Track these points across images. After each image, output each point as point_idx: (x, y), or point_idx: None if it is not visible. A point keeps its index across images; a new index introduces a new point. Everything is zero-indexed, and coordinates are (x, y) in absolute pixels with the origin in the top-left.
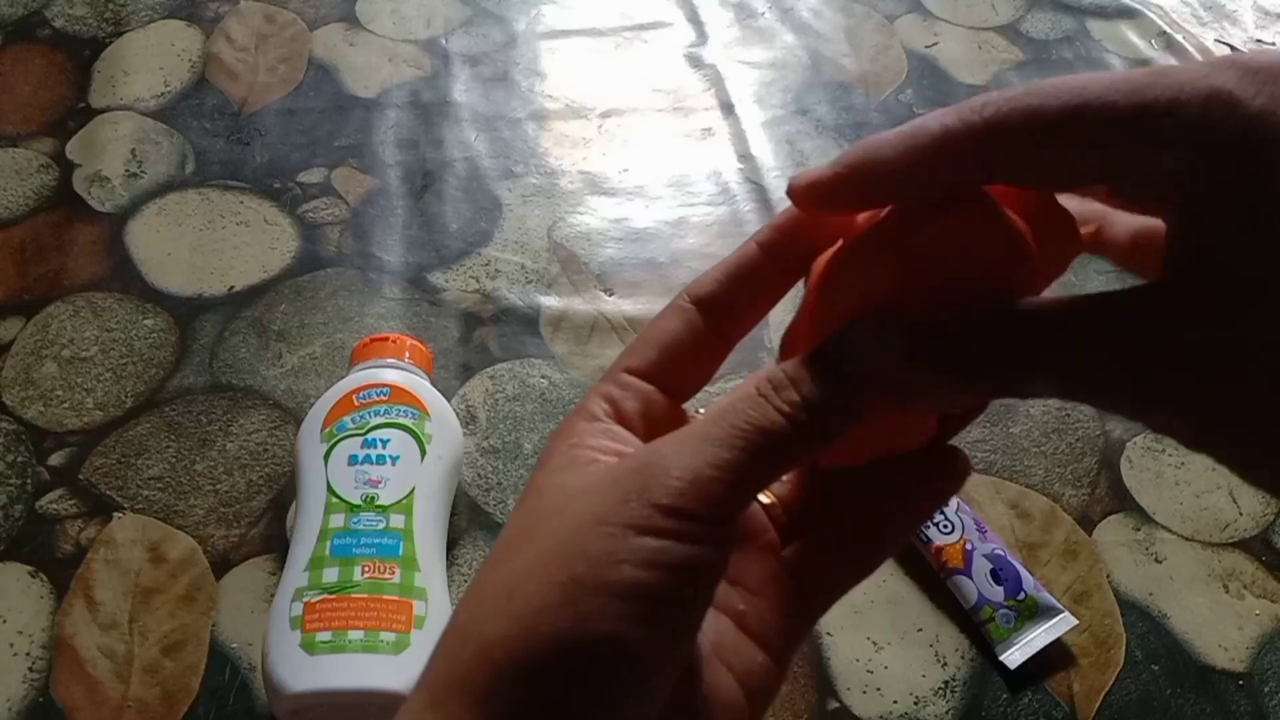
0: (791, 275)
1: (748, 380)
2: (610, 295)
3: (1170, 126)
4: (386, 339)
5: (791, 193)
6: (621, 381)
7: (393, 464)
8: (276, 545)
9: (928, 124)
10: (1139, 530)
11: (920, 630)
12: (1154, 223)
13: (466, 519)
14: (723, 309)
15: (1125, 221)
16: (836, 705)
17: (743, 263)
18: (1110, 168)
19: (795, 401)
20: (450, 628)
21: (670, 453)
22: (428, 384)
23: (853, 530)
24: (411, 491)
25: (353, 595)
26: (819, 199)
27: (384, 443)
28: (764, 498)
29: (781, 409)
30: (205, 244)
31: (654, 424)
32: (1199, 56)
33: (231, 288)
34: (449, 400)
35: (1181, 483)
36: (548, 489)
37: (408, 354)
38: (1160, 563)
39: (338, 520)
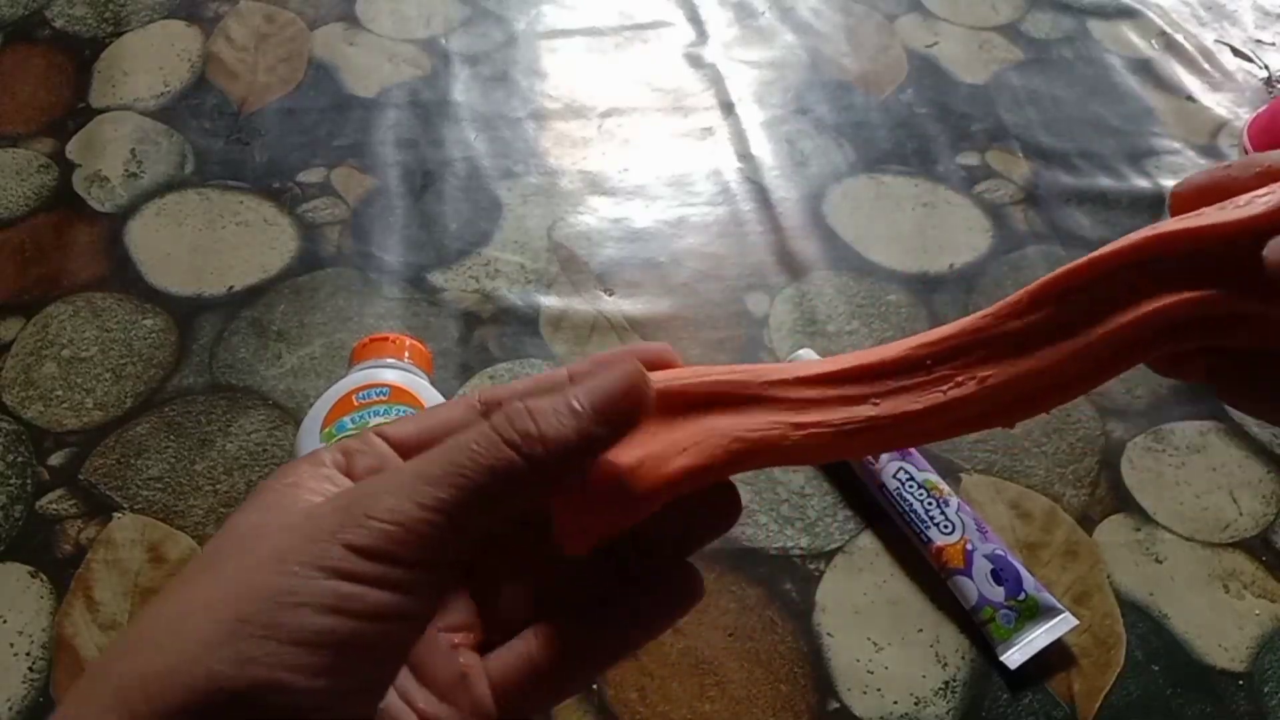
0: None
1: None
2: (610, 295)
3: None
4: (386, 339)
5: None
6: (366, 439)
7: None
8: None
9: None
10: (1139, 530)
11: (921, 631)
12: None
13: None
14: None
15: None
16: (837, 705)
17: (545, 388)
18: None
19: (531, 434)
20: (89, 666)
21: (377, 490)
22: (427, 384)
23: (567, 641)
24: None
25: None
26: None
27: None
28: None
29: (514, 442)
30: (205, 244)
31: None
32: (1199, 57)
33: (231, 288)
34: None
35: (1182, 483)
36: (237, 527)
37: (407, 354)
38: (1160, 563)
39: None
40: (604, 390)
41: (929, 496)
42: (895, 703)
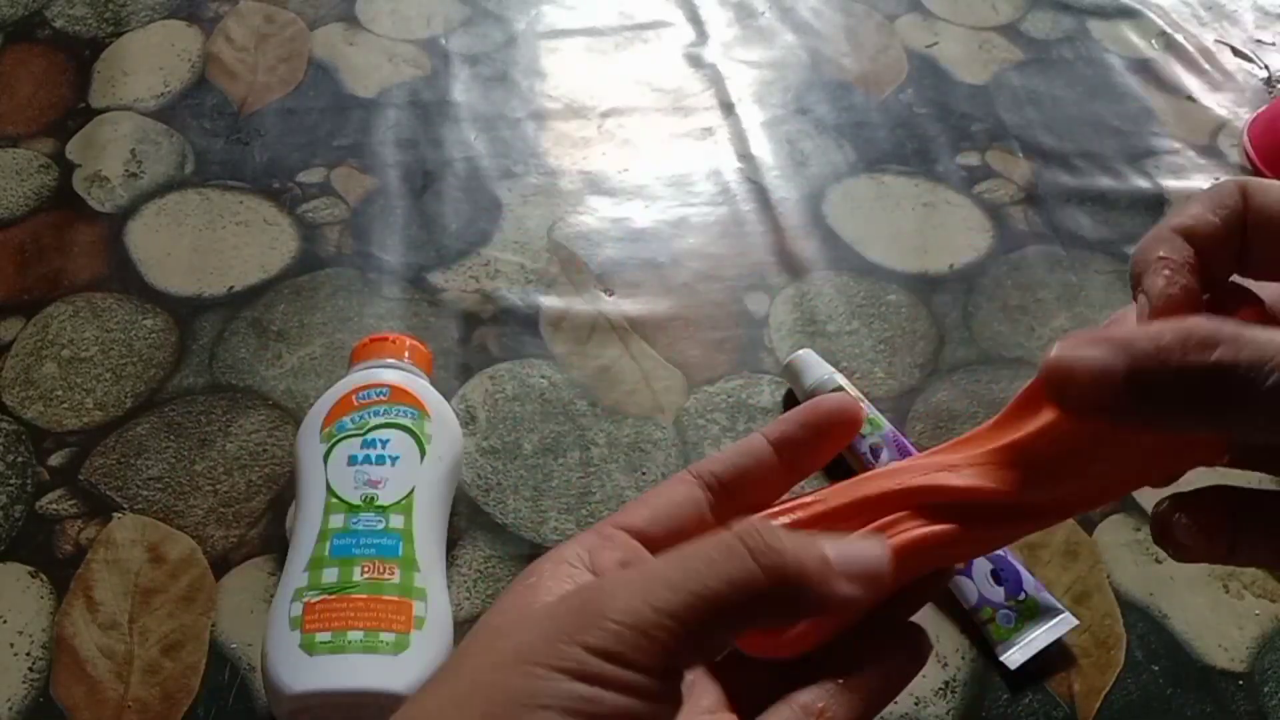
0: (797, 474)
1: (726, 527)
2: (610, 295)
3: None
4: (386, 339)
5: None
6: (606, 533)
7: (392, 464)
8: (276, 545)
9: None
10: (1139, 530)
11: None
12: None
13: (466, 519)
14: (725, 490)
15: None
16: None
17: (749, 451)
18: None
19: (776, 549)
20: None
21: (615, 590)
22: (427, 384)
23: (815, 710)
24: (411, 492)
25: (352, 596)
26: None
27: (384, 443)
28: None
29: (757, 550)
30: (205, 244)
31: None
32: (1199, 57)
33: (231, 288)
34: (449, 400)
35: (1182, 483)
36: (483, 628)
37: (407, 354)
38: (1160, 563)
39: (337, 521)
40: (855, 554)
41: None
42: (895, 702)
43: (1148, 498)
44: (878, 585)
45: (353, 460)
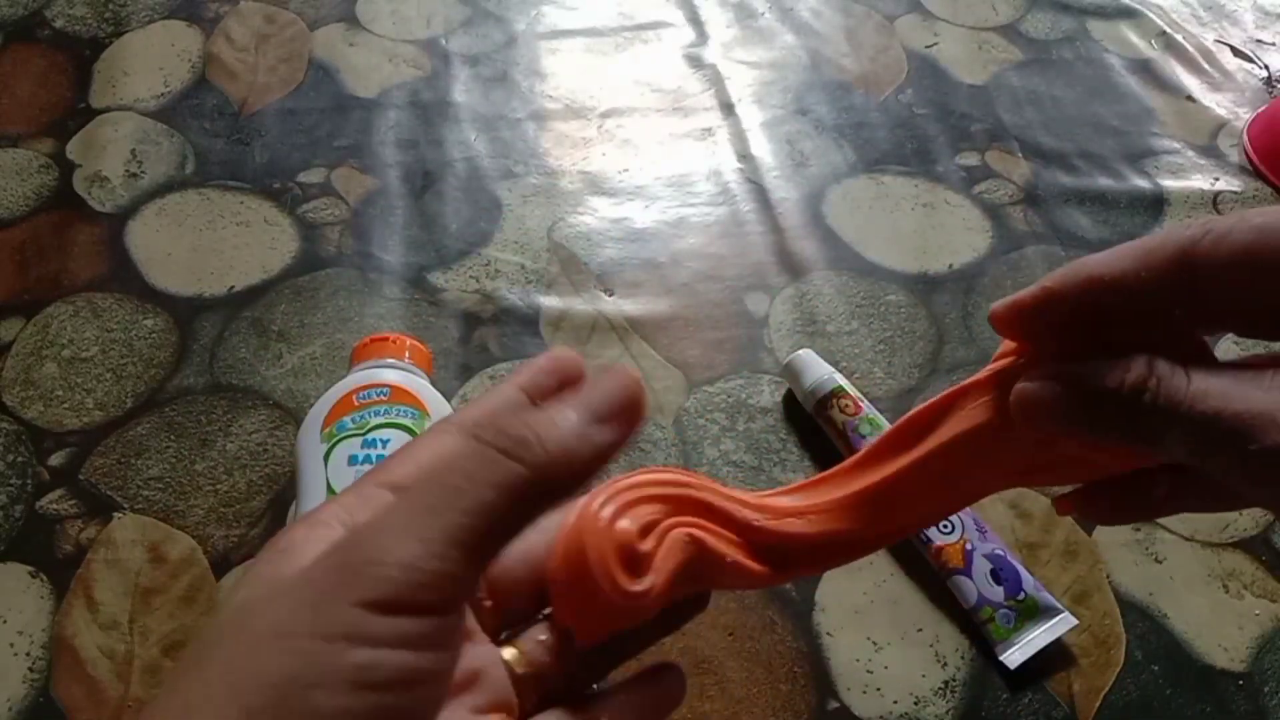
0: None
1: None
2: (610, 295)
3: None
4: (386, 339)
5: (993, 317)
6: (366, 493)
7: None
8: None
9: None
10: (1139, 530)
11: (920, 630)
12: None
13: None
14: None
15: None
16: (836, 705)
17: (508, 402)
18: None
19: (529, 440)
20: None
21: (375, 534)
22: (427, 384)
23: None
24: None
25: None
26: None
27: (384, 443)
28: (518, 666)
29: (510, 450)
30: (205, 244)
31: None
32: (1199, 57)
33: (231, 288)
34: (449, 400)
35: None
36: (229, 608)
37: (407, 354)
38: (1160, 563)
39: None
40: (601, 397)
41: None
42: (895, 702)
43: None
44: (637, 412)
45: (353, 460)
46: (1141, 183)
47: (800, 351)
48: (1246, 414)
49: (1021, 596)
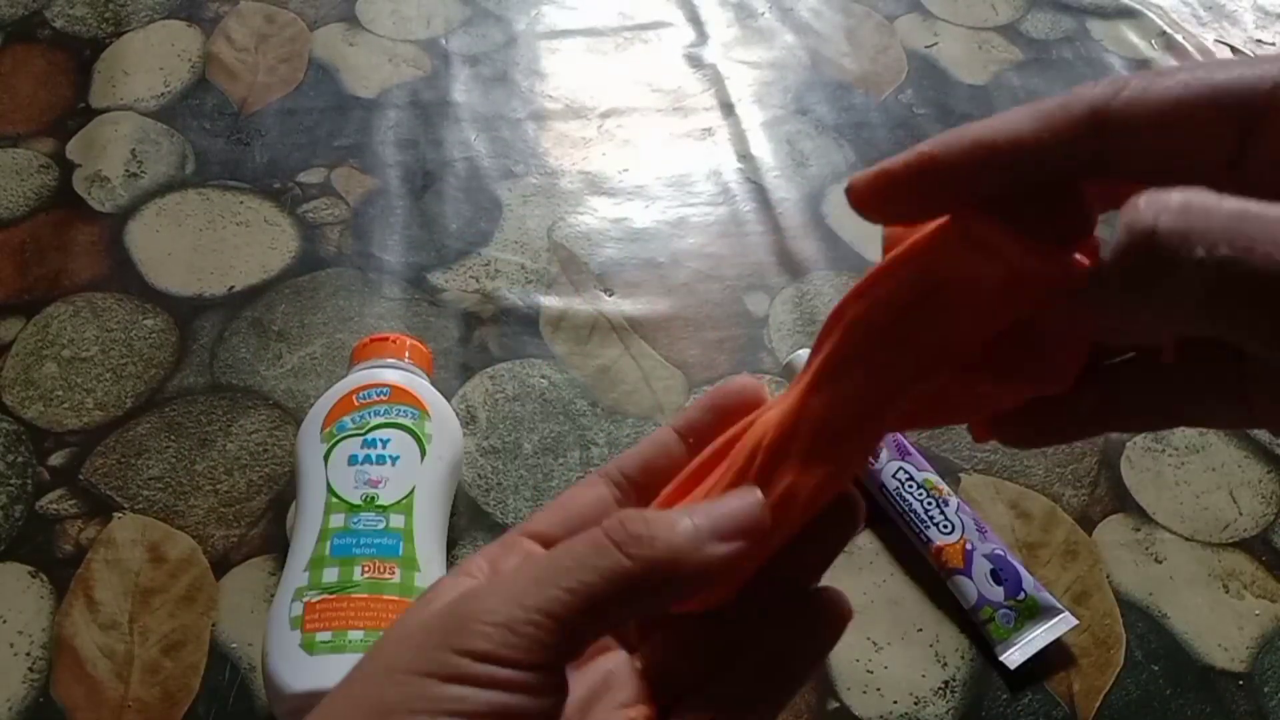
0: (709, 464)
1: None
2: (610, 295)
3: None
4: (386, 339)
5: (851, 190)
6: (508, 542)
7: (393, 464)
8: (276, 545)
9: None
10: (1139, 530)
11: (920, 630)
12: None
13: (466, 519)
14: (634, 486)
15: None
16: (836, 705)
17: (659, 446)
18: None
19: (641, 536)
20: None
21: (486, 594)
22: (428, 384)
23: (734, 693)
24: (411, 492)
25: (353, 595)
26: (888, 197)
27: (384, 443)
28: (638, 660)
29: (621, 543)
30: (205, 244)
31: None
32: (1199, 57)
33: (231, 288)
34: (449, 400)
35: (1181, 483)
36: (371, 647)
37: (407, 354)
38: (1160, 563)
39: (338, 520)
40: (723, 513)
41: (928, 496)
42: (895, 702)
43: (1148, 498)
44: (756, 533)
45: (353, 460)
46: None
47: (800, 351)
48: None
49: (1021, 596)
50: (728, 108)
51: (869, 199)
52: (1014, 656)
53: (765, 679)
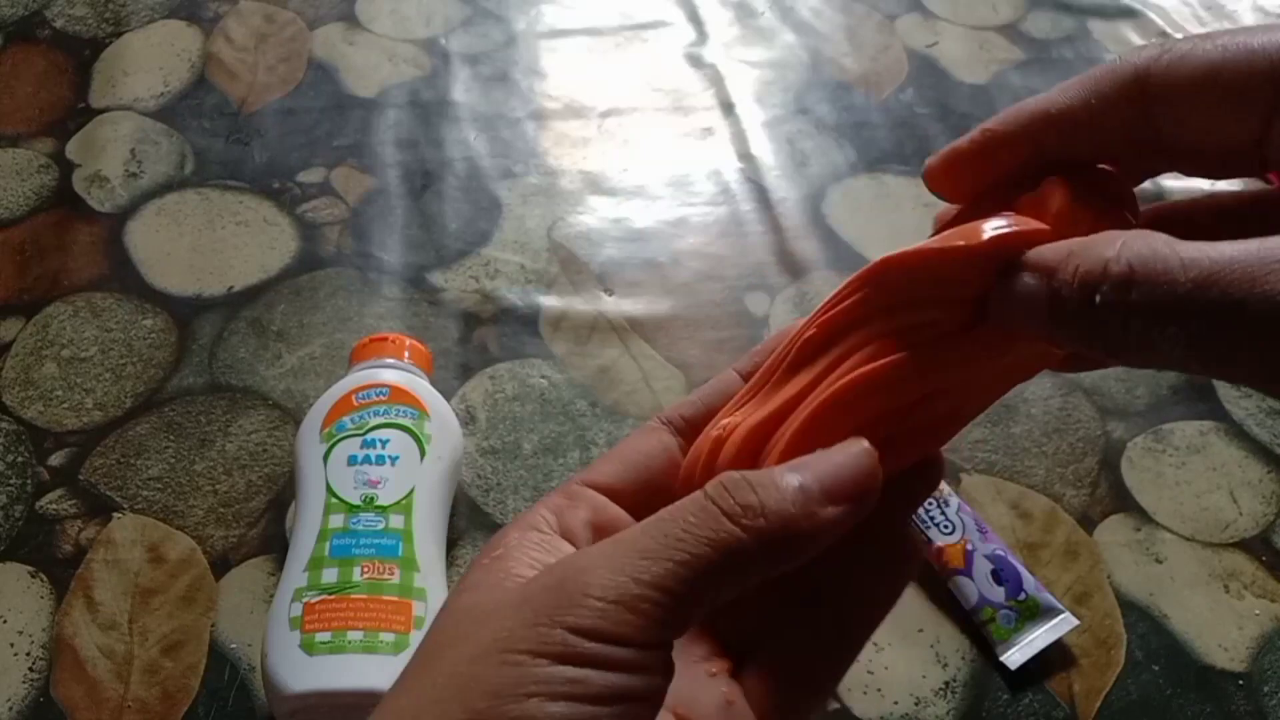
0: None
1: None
2: (610, 295)
3: None
4: (386, 339)
5: (926, 173)
6: (571, 491)
7: (392, 464)
8: (276, 545)
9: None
10: (1139, 530)
11: (921, 631)
12: None
13: (466, 519)
14: (697, 432)
15: None
16: (837, 706)
17: (720, 389)
18: None
19: (753, 507)
20: None
21: (592, 566)
22: (427, 384)
23: (813, 640)
24: (411, 492)
25: (352, 596)
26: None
27: (383, 443)
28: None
29: (734, 514)
30: (205, 244)
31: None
32: None
33: (231, 288)
34: (449, 400)
35: (1182, 483)
36: (455, 611)
37: (407, 354)
38: (1161, 563)
39: (337, 521)
40: (833, 472)
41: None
42: (895, 703)
43: (1148, 498)
44: (869, 491)
45: (352, 460)
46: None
47: None
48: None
49: (1022, 597)
50: (728, 107)
51: (941, 176)
52: (1015, 657)
53: (842, 626)
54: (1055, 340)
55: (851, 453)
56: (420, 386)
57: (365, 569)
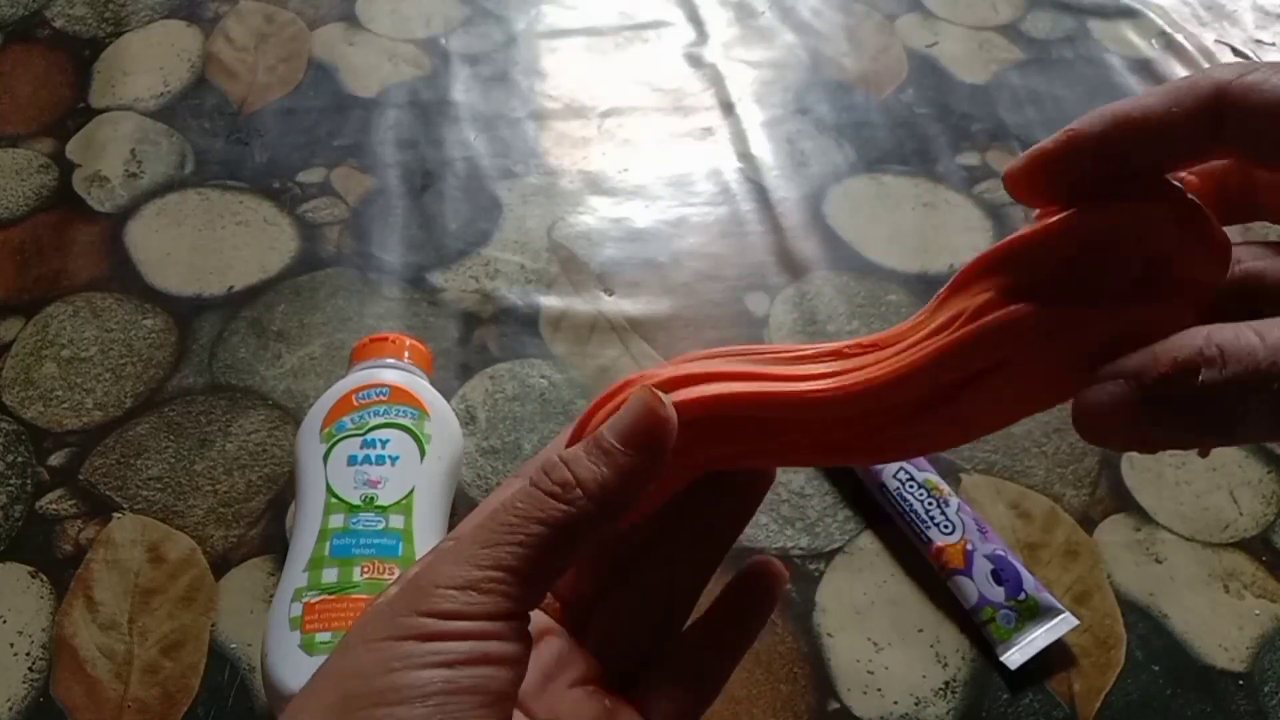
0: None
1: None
2: (610, 295)
3: None
4: (386, 339)
5: (1007, 177)
6: (439, 549)
7: (392, 464)
8: (276, 545)
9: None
10: (1139, 531)
11: (921, 631)
12: None
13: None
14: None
15: None
16: (837, 706)
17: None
18: None
19: (569, 481)
20: None
21: (439, 563)
22: (427, 384)
23: (681, 677)
24: (411, 492)
25: (352, 596)
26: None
27: (383, 443)
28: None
29: (554, 492)
30: (205, 244)
31: None
32: (1199, 57)
33: (231, 288)
34: (449, 400)
35: (1182, 483)
36: (340, 641)
37: (407, 354)
38: (1161, 563)
39: (337, 521)
40: (624, 421)
41: (929, 496)
42: (895, 703)
43: (1148, 498)
44: (659, 435)
45: (352, 460)
46: None
47: None
48: None
49: (1022, 597)
50: (728, 107)
51: (1024, 181)
52: (1014, 657)
53: (705, 666)
54: (1147, 441)
55: (640, 401)
56: (420, 386)
57: (365, 569)
